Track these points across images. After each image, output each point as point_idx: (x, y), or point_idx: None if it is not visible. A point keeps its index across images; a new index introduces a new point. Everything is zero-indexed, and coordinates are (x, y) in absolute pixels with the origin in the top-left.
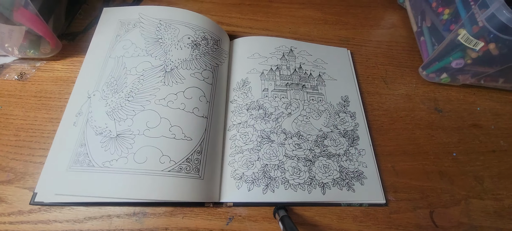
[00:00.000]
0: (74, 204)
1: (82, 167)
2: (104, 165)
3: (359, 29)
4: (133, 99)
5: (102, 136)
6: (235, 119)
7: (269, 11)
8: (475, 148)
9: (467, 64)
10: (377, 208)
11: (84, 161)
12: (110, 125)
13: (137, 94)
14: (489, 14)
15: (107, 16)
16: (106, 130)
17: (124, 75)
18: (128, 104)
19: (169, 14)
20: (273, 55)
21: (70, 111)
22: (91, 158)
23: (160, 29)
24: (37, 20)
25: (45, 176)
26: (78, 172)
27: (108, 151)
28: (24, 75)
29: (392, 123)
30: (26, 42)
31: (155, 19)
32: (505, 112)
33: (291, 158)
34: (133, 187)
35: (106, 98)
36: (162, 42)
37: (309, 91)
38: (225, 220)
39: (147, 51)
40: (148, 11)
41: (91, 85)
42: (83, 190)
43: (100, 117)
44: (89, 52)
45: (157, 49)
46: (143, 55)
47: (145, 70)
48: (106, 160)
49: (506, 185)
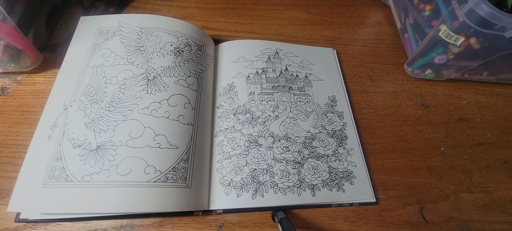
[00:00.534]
0: (59, 220)
1: (58, 182)
2: (83, 179)
3: (344, 28)
4: (114, 109)
5: (81, 149)
6: (222, 124)
7: (254, 13)
8: (463, 141)
9: (449, 59)
10: (368, 207)
11: (61, 176)
12: (89, 136)
13: (118, 104)
14: (468, 9)
15: (85, 25)
16: (85, 142)
17: (104, 84)
18: (109, 114)
19: (150, 21)
20: (259, 58)
21: (44, 124)
22: (68, 172)
23: (141, 37)
24: (16, 34)
25: (17, 194)
26: (54, 188)
27: (88, 164)
28: (6, 90)
29: (380, 121)
30: (6, 56)
31: (136, 27)
32: (491, 105)
33: (279, 161)
34: (118, 200)
35: (85, 109)
36: (144, 50)
37: (296, 93)
38: (216, 228)
39: (128, 60)
40: (128, 19)
41: (67, 96)
42: (60, 207)
43: (78, 128)
44: (65, 62)
45: (139, 57)
46: (124, 64)
47: (126, 79)
48: (85, 173)
49: (494, 177)
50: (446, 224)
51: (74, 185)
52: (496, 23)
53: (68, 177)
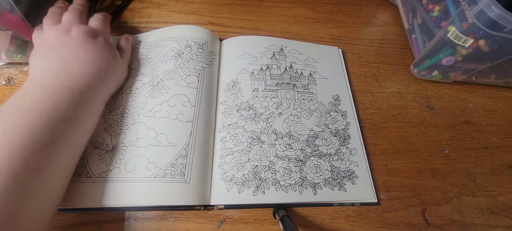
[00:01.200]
0: (63, 210)
1: (80, 178)
2: (100, 176)
3: (351, 27)
4: (127, 115)
5: (100, 150)
6: (225, 120)
7: (260, 10)
8: (467, 144)
9: (457, 61)
10: (369, 207)
11: (82, 172)
12: (107, 139)
13: (130, 110)
14: (478, 10)
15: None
16: (103, 144)
17: (120, 95)
18: (123, 120)
19: (158, 35)
20: (263, 55)
21: None
22: (88, 169)
23: (150, 50)
24: (23, 25)
25: None
26: (75, 182)
27: (104, 162)
28: (12, 80)
29: (384, 121)
30: (13, 47)
31: (147, 43)
32: (497, 109)
33: (282, 159)
34: (124, 194)
35: (104, 116)
36: (151, 61)
37: (299, 90)
38: (217, 223)
39: (139, 71)
40: (142, 38)
41: None
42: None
43: (99, 133)
44: None
45: (147, 68)
46: (136, 76)
47: (137, 88)
48: (102, 170)
49: (498, 181)
50: (448, 227)
51: (92, 181)
52: (506, 26)
53: (88, 173)
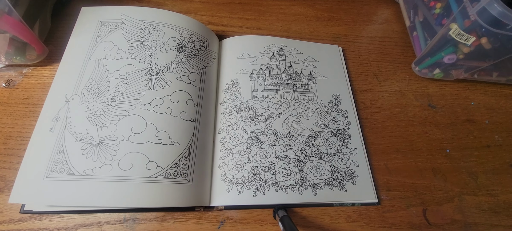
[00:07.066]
0: (64, 212)
1: (61, 175)
2: (86, 173)
3: (351, 25)
4: (117, 104)
5: (83, 142)
6: (224, 121)
7: (260, 9)
8: (469, 143)
9: (459, 59)
10: (370, 207)
11: (63, 169)
12: (91, 130)
13: (120, 98)
14: (480, 8)
15: (86, 15)
16: (87, 136)
17: (106, 78)
18: (111, 109)
19: (153, 15)
20: (263, 55)
21: (46, 116)
22: (70, 165)
23: (144, 31)
24: (21, 27)
25: (18, 185)
26: (56, 181)
27: (90, 158)
28: (12, 83)
29: (385, 120)
30: (12, 49)
31: (139, 21)
32: (499, 107)
33: (281, 159)
34: (120, 194)
35: (87, 102)
36: (147, 44)
37: (299, 90)
38: (217, 224)
39: (131, 54)
40: (131, 12)
41: (69, 89)
42: (62, 199)
43: (80, 122)
44: (66, 54)
45: (142, 52)
46: (127, 58)
47: (129, 73)
48: (88, 167)
49: (500, 180)
50: (449, 227)
51: (76, 179)
52: (508, 24)
53: (70, 170)
